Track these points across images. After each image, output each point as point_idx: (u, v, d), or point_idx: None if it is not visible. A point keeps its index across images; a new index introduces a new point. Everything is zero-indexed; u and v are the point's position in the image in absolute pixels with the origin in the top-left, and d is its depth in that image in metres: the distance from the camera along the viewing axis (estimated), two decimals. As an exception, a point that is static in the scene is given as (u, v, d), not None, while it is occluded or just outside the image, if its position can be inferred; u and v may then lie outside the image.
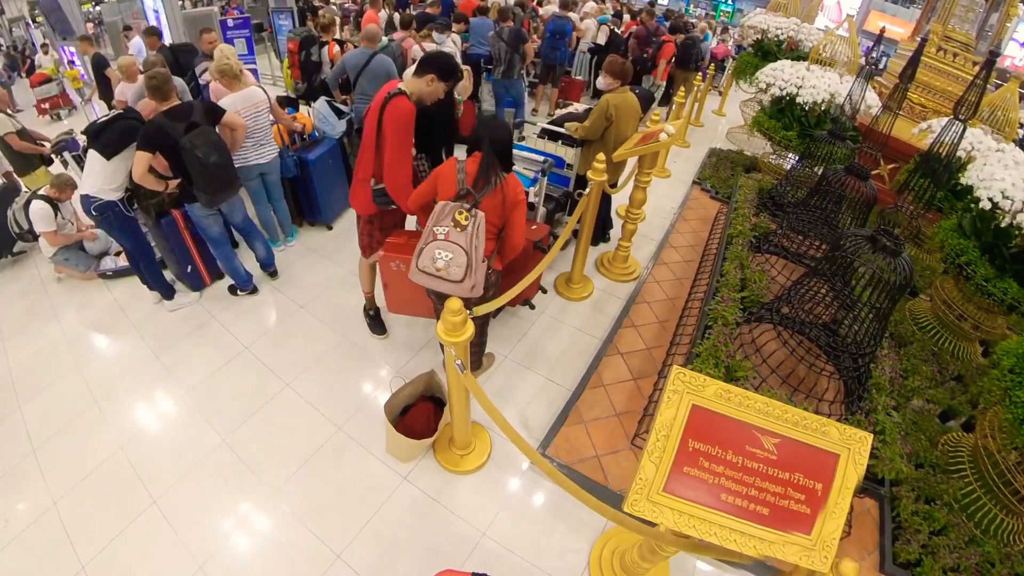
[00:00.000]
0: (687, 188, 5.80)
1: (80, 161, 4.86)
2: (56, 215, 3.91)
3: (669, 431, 1.42)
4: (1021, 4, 5.60)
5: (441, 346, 3.06)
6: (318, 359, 3.22)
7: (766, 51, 6.77)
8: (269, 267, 3.88)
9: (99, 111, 7.46)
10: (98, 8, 17.35)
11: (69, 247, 4.01)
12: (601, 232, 4.39)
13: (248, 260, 3.84)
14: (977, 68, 4.94)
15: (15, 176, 5.12)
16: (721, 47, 10.31)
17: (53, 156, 5.25)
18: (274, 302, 3.74)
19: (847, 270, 2.15)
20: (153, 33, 5.86)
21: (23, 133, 5.04)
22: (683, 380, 1.44)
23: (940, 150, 2.93)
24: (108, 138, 3.14)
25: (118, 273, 4.07)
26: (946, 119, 3.09)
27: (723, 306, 2.71)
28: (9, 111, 5.14)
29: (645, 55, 7.98)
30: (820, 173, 3.34)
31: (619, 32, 7.97)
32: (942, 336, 3.43)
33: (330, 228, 4.57)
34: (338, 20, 5.97)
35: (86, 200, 3.22)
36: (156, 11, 8.18)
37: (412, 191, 2.55)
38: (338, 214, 4.71)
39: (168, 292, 3.69)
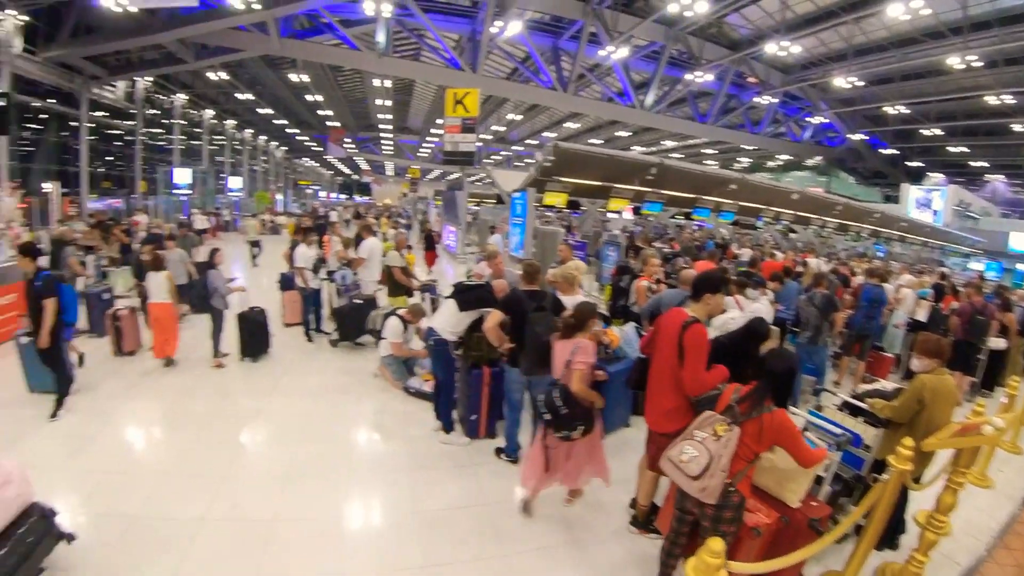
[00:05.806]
0: (1015, 507, 4.48)
1: (435, 303, 6.93)
2: (404, 331, 5.47)
3: None
4: None
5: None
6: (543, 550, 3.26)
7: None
8: None
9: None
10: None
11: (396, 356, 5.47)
12: (891, 535, 3.56)
13: (524, 434, 4.21)
14: None
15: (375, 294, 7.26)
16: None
17: (415, 292, 7.44)
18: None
19: None
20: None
21: (406, 270, 7.27)
22: None
23: None
24: (468, 297, 4.20)
25: (419, 394, 5.29)
26: None
27: None
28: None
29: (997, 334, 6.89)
30: None
31: (939, 308, 7.21)
32: None
33: (603, 437, 4.77)
34: (658, 261, 6.67)
35: (430, 331, 4.33)
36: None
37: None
38: (614, 429, 4.74)
39: (449, 427, 4.42)
